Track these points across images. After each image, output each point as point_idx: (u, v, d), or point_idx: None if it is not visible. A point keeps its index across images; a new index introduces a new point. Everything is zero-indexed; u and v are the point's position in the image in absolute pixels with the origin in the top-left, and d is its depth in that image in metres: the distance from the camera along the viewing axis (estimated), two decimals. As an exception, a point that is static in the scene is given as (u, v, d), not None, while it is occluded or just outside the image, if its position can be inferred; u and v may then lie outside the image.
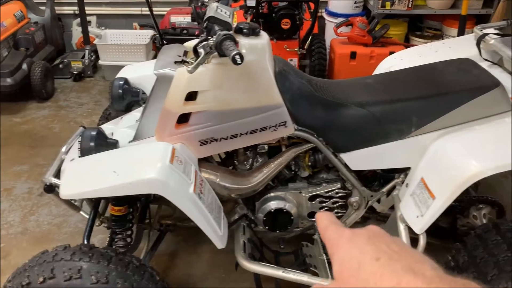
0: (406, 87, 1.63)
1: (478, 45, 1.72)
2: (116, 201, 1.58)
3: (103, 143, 1.52)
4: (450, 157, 1.43)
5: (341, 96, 1.59)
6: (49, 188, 1.52)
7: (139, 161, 1.40)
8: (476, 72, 1.62)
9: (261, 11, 3.30)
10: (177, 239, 2.27)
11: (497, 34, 1.71)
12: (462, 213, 1.79)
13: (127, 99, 1.85)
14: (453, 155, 1.43)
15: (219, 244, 1.44)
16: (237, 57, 1.19)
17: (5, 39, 3.64)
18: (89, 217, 1.64)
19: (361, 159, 1.61)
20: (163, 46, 1.88)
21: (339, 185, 1.71)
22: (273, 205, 1.70)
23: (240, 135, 1.50)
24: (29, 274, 1.29)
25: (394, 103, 1.56)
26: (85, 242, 1.54)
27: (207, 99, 1.42)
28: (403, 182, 1.63)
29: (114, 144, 1.54)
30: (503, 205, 1.81)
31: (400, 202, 1.58)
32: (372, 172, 1.72)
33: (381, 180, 1.73)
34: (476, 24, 2.17)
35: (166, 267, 2.13)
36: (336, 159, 1.61)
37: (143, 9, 4.47)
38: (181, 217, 1.87)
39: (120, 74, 1.95)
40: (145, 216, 1.76)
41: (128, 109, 1.87)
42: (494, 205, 1.79)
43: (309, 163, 1.68)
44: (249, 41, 1.39)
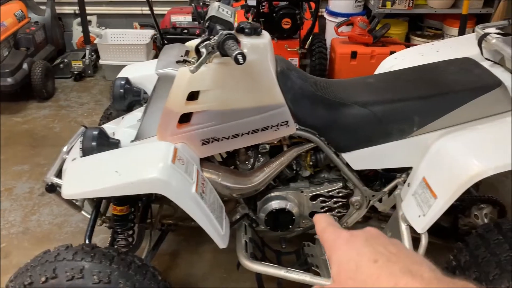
0: (407, 86, 1.63)
1: (480, 44, 1.71)
2: (118, 201, 1.58)
3: (105, 142, 1.51)
4: (452, 157, 1.43)
5: (343, 96, 1.58)
6: (50, 188, 1.52)
7: (141, 161, 1.40)
8: (478, 72, 1.62)
9: (261, 10, 3.30)
10: (179, 238, 2.27)
11: (499, 34, 1.71)
12: (463, 212, 1.79)
13: (129, 98, 1.85)
14: (455, 155, 1.42)
15: (221, 243, 1.44)
16: (239, 56, 1.19)
17: (6, 38, 3.64)
18: (91, 216, 1.64)
19: (362, 159, 1.61)
20: (164, 45, 1.88)
21: (340, 184, 1.71)
22: (274, 204, 1.70)
23: (241, 135, 1.50)
24: (31, 274, 1.30)
25: (396, 102, 1.56)
26: (87, 242, 1.54)
27: (209, 98, 1.42)
28: (404, 181, 1.63)
29: (116, 144, 1.54)
30: (505, 204, 1.81)
31: (401, 202, 1.58)
32: (373, 171, 1.72)
33: (383, 180, 1.73)
34: (477, 24, 2.17)
35: (167, 266, 2.13)
36: (337, 158, 1.61)
37: (144, 8, 4.46)
38: (182, 216, 1.87)
39: (122, 74, 1.94)
40: (147, 215, 1.76)
41: (129, 108, 1.87)
42: (496, 204, 1.79)
43: (311, 163, 1.68)
44: (251, 41, 1.38)
